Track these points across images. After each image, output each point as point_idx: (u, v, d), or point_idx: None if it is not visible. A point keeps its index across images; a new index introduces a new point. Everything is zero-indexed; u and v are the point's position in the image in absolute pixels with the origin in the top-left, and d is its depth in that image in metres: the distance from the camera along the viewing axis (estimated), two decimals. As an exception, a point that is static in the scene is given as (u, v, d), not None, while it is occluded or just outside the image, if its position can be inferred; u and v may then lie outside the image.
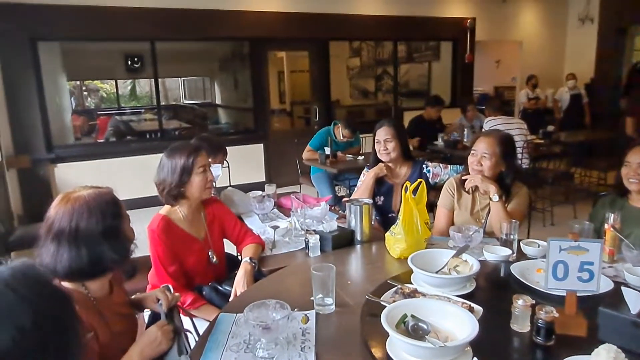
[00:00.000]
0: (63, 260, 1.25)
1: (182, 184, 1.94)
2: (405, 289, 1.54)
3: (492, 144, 2.23)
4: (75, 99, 9.69)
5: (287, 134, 7.17)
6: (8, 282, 0.67)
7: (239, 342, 1.39)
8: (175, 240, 1.96)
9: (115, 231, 1.32)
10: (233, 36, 6.39)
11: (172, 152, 1.99)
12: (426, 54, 8.76)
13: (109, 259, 1.30)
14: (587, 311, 1.35)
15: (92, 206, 1.28)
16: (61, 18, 5.23)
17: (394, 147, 2.66)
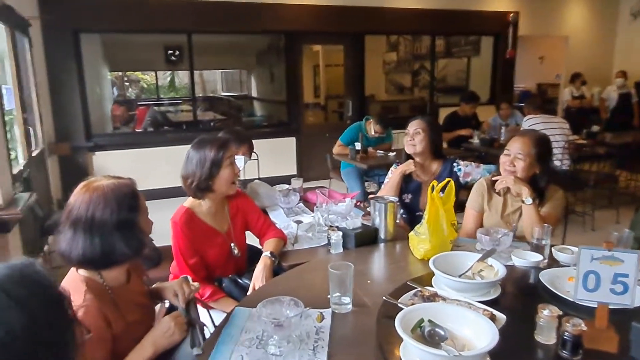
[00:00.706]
0: (77, 248, 1.26)
1: (211, 177, 1.91)
2: (425, 292, 1.49)
3: (528, 144, 2.12)
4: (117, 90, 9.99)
5: (319, 128, 7.14)
6: (3, 282, 0.67)
7: (252, 337, 1.38)
8: (197, 233, 1.96)
9: (130, 224, 1.32)
10: (269, 29, 6.40)
11: (200, 145, 1.97)
12: (465, 49, 8.53)
13: (120, 252, 1.30)
14: (620, 325, 1.26)
15: (109, 197, 1.29)
16: (102, 10, 5.38)
17: (420, 140, 2.59)
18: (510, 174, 2.13)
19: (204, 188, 1.93)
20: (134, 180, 1.42)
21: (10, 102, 3.85)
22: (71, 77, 5.41)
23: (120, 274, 1.42)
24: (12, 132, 4.18)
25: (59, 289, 0.74)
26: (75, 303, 1.24)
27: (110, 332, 1.30)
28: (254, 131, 6.62)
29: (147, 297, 1.54)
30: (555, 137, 4.50)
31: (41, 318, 0.67)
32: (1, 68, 3.86)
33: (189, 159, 1.96)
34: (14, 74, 3.97)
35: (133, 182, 1.40)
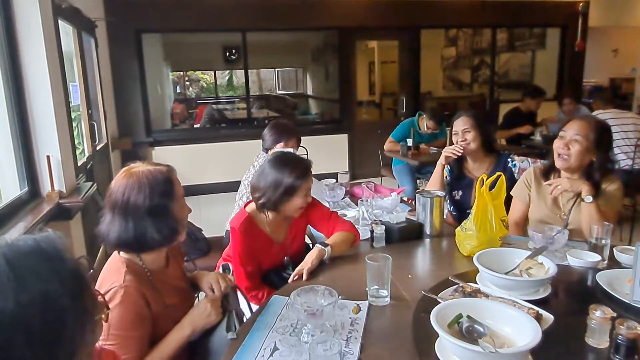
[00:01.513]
0: (114, 231, 1.31)
1: (281, 202, 1.84)
2: (466, 288, 1.42)
3: (586, 128, 1.95)
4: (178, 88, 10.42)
5: (373, 126, 7.07)
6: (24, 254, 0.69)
7: (286, 325, 1.38)
8: (255, 240, 1.89)
9: (162, 210, 1.34)
10: (321, 26, 6.41)
11: (280, 165, 1.86)
12: (530, 42, 8.09)
13: (151, 237, 1.32)
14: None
15: (143, 182, 1.32)
16: (162, 11, 5.62)
17: (473, 137, 2.47)
18: (563, 161, 1.98)
19: (271, 208, 1.86)
20: (171, 168, 1.43)
21: (76, 98, 4.10)
22: (133, 76, 5.70)
23: (159, 258, 1.46)
24: (79, 127, 4.48)
25: (76, 263, 0.76)
26: (115, 283, 1.30)
27: (149, 311, 1.34)
28: (306, 128, 6.66)
29: (186, 282, 1.58)
30: (628, 134, 4.16)
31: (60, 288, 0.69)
32: (69, 67, 4.13)
33: (264, 173, 1.87)
34: (80, 73, 4.24)
35: (170, 169, 1.41)
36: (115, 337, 1.27)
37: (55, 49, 3.29)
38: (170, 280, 1.49)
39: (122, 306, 1.28)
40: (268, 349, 1.25)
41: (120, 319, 1.28)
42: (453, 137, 2.57)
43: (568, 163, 1.98)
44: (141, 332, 1.31)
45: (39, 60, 3.04)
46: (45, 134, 3.10)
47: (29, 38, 3.00)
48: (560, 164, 2.01)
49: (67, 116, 3.47)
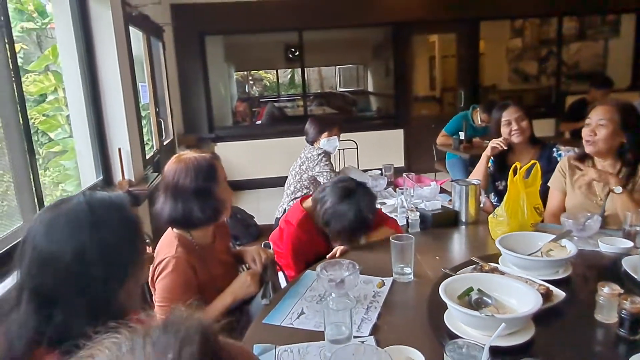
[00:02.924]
0: (166, 210, 1.53)
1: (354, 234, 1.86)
2: (485, 266, 1.49)
3: (610, 110, 1.96)
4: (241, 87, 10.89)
5: (431, 121, 7.01)
6: (98, 203, 0.93)
7: (315, 294, 1.53)
8: (309, 236, 1.96)
9: (206, 192, 1.53)
10: (376, 22, 6.47)
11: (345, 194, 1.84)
12: (602, 30, 7.62)
13: (196, 216, 1.52)
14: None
15: (190, 167, 1.53)
16: (222, 14, 5.97)
17: (527, 126, 2.49)
18: (591, 145, 1.98)
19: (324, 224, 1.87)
20: (215, 155, 1.64)
21: (145, 97, 4.51)
22: (197, 76, 6.11)
23: (207, 234, 1.66)
24: (149, 124, 4.91)
25: (135, 214, 0.98)
26: (168, 254, 1.52)
27: (196, 279, 1.54)
28: (363, 124, 6.78)
29: (231, 257, 1.78)
30: None
31: (121, 229, 0.91)
32: (140, 68, 4.54)
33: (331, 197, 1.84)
34: (149, 74, 4.64)
35: (213, 157, 1.62)
36: (166, 299, 1.49)
37: (125, 53, 3.67)
38: (217, 254, 1.70)
39: (173, 274, 1.50)
40: (296, 313, 1.41)
41: (172, 284, 1.50)
42: (503, 127, 2.57)
43: (596, 147, 1.99)
44: (189, 297, 1.50)
45: (111, 63, 3.42)
46: (117, 129, 3.48)
47: (102, 44, 3.38)
48: (589, 150, 2.03)
49: (137, 113, 3.85)
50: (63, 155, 4.07)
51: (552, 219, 2.18)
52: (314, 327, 1.31)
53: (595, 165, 2.08)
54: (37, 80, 4.01)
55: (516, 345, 1.10)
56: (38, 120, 4.06)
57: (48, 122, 4.04)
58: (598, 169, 2.00)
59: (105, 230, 0.89)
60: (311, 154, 2.96)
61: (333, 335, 1.13)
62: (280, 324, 1.35)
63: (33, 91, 3.98)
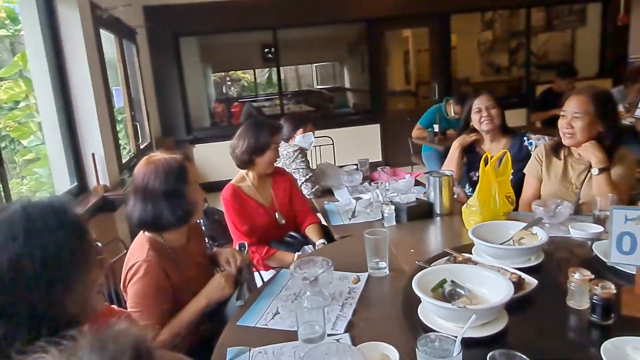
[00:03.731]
0: (136, 212, 1.49)
1: (256, 154, 2.21)
2: (458, 257, 1.49)
3: (584, 102, 1.96)
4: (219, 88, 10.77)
5: (406, 114, 7.06)
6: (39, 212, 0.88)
7: (290, 294, 1.51)
8: (243, 205, 2.26)
9: (176, 193, 1.50)
10: (349, 19, 6.48)
11: (256, 125, 2.26)
12: (569, 20, 7.77)
13: (166, 219, 1.49)
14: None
15: (160, 169, 1.50)
16: (196, 15, 5.90)
17: (497, 114, 2.51)
18: (569, 137, 1.99)
19: (247, 161, 2.23)
20: (186, 157, 1.61)
21: (119, 101, 4.42)
22: (173, 78, 6.02)
23: (179, 236, 1.63)
24: (125, 128, 4.82)
25: (78, 216, 0.93)
26: (139, 258, 1.48)
27: (169, 283, 1.51)
28: (340, 120, 6.78)
29: (206, 259, 1.75)
30: None
31: (60, 232, 0.86)
32: (113, 72, 4.45)
33: (242, 132, 2.25)
34: (123, 77, 4.55)
35: (183, 158, 1.59)
36: (139, 304, 1.46)
37: (96, 56, 3.58)
38: (191, 256, 1.66)
39: (145, 278, 1.47)
40: (271, 313, 1.39)
41: (144, 288, 1.46)
42: (474, 114, 2.59)
43: (575, 140, 2.00)
44: (161, 301, 1.49)
45: (81, 67, 3.34)
46: (90, 134, 3.40)
47: (72, 48, 3.30)
48: (568, 142, 2.03)
49: (110, 117, 3.77)
50: (36, 162, 3.98)
51: (528, 206, 2.20)
52: (288, 327, 1.29)
53: (571, 153, 2.10)
54: (7, 87, 3.91)
55: (490, 336, 1.10)
56: (10, 127, 3.96)
57: (20, 129, 3.95)
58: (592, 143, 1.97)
59: (42, 236, 0.84)
60: (287, 151, 2.93)
61: (306, 334, 1.12)
62: (255, 325, 1.33)
63: (4, 98, 3.88)
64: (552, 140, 2.19)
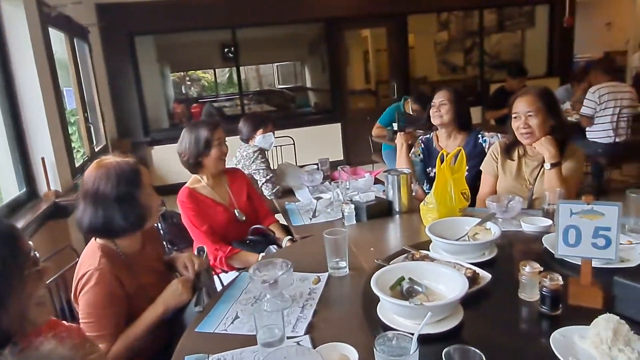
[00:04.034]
0: (86, 217, 1.44)
1: (201, 155, 2.19)
2: (416, 255, 1.52)
3: (534, 100, 2.06)
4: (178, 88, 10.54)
5: (367, 113, 7.14)
6: None
7: (250, 297, 1.49)
8: (201, 205, 2.23)
9: (129, 198, 1.45)
10: (308, 18, 6.48)
11: (194, 126, 2.25)
12: (519, 21, 8.08)
13: (117, 224, 1.44)
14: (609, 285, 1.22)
15: (111, 173, 1.44)
16: (152, 13, 5.75)
17: (446, 111, 2.57)
18: (530, 137, 2.07)
19: (195, 164, 2.22)
20: (139, 160, 1.57)
21: (71, 103, 4.25)
22: (129, 78, 5.84)
23: (134, 242, 1.58)
24: (78, 130, 4.63)
25: (10, 226, 0.89)
26: (91, 267, 1.43)
27: (123, 291, 1.46)
28: (301, 119, 6.78)
29: (163, 264, 1.70)
30: (623, 102, 4.18)
31: None
32: (65, 72, 4.27)
33: (183, 138, 2.23)
34: (74, 77, 4.37)
35: (136, 161, 1.54)
36: (91, 314, 1.40)
37: (44, 56, 3.43)
38: (146, 262, 1.61)
39: (97, 287, 1.41)
40: (230, 318, 1.37)
41: (96, 298, 1.41)
42: (431, 109, 2.66)
43: (534, 137, 2.08)
44: (115, 310, 1.44)
45: (28, 67, 3.18)
46: (39, 137, 3.25)
47: (18, 47, 3.14)
48: (528, 141, 2.11)
49: (61, 120, 3.62)
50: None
51: (485, 202, 2.26)
52: (248, 332, 1.27)
53: (526, 151, 2.18)
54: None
55: (446, 331, 1.12)
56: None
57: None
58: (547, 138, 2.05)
59: None
60: (247, 152, 2.91)
61: (265, 338, 1.11)
62: (214, 331, 1.31)
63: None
64: (505, 141, 2.26)
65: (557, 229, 1.24)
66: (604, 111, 4.20)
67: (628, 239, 1.54)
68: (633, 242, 1.53)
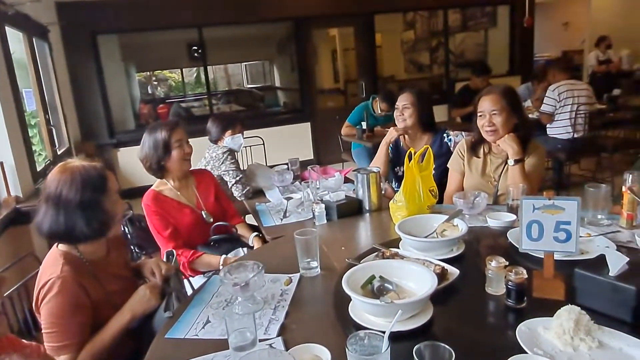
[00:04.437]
0: (46, 222, 1.39)
1: (162, 159, 2.13)
2: (386, 253, 1.53)
3: (498, 99, 2.13)
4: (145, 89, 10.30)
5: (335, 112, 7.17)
6: None
7: (221, 300, 1.48)
8: (167, 208, 2.18)
9: (93, 204, 1.41)
10: (276, 17, 6.45)
11: (152, 130, 2.16)
12: (482, 21, 8.29)
13: (80, 231, 1.39)
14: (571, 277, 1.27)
15: (76, 177, 1.39)
16: (115, 11, 5.60)
17: (410, 114, 2.61)
18: (494, 135, 2.13)
19: (158, 168, 2.16)
20: (105, 165, 1.51)
21: (30, 104, 4.09)
22: (92, 78, 5.67)
23: (98, 248, 1.53)
24: (40, 133, 4.46)
25: None
26: (53, 275, 1.38)
27: (88, 299, 1.42)
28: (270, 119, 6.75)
29: (129, 271, 1.66)
30: (580, 99, 4.35)
31: None
32: (24, 73, 4.11)
33: (143, 143, 2.16)
34: (34, 78, 4.21)
35: (103, 166, 1.49)
36: (54, 324, 1.36)
37: (1, 56, 3.30)
38: (112, 268, 1.57)
39: (59, 296, 1.36)
40: (201, 323, 1.35)
41: (59, 307, 1.36)
42: (395, 111, 2.70)
43: (498, 135, 2.14)
44: (80, 319, 1.39)
45: (-18, 68, 3.04)
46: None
47: (-29, 47, 3.00)
48: (492, 138, 2.17)
49: (20, 122, 3.48)
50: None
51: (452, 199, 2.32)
52: (220, 336, 1.26)
53: (491, 149, 2.25)
54: None
55: (417, 328, 1.14)
56: None
57: None
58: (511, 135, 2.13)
59: None
60: (216, 153, 2.87)
61: (237, 342, 1.10)
62: (185, 336, 1.29)
63: None
64: (470, 139, 2.32)
65: (520, 224, 1.28)
66: (563, 108, 4.36)
67: (587, 231, 1.61)
68: (592, 234, 1.59)
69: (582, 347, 1.03)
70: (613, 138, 4.80)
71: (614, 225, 1.72)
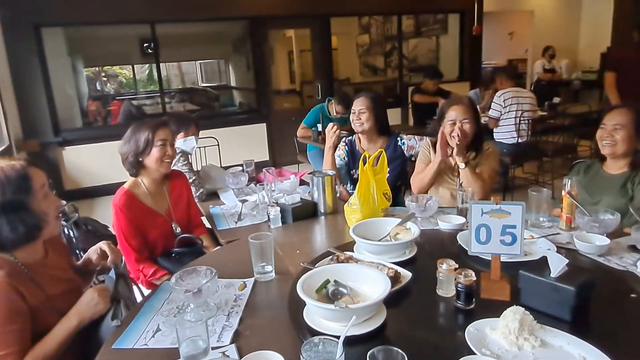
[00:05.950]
0: None
1: (142, 155, 2.07)
2: (340, 256, 1.55)
3: (466, 110, 2.28)
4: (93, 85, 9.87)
5: (291, 114, 7.16)
6: None
7: (172, 307, 1.43)
8: (137, 214, 2.07)
9: (17, 206, 1.32)
10: (232, 16, 6.36)
11: (137, 125, 2.12)
12: (434, 28, 8.55)
13: (5, 237, 1.31)
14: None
15: None
16: (63, 3, 5.32)
17: (367, 118, 2.64)
18: (461, 142, 2.24)
19: (135, 164, 2.09)
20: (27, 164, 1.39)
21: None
22: (35, 73, 5.36)
23: (34, 251, 1.44)
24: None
25: None
26: None
27: (25, 305, 1.33)
28: (226, 119, 6.66)
29: (72, 272, 1.58)
30: (524, 106, 4.57)
31: None
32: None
33: (125, 137, 2.11)
34: (-32, 71, 3.94)
35: (25, 164, 1.38)
36: (-8, 334, 1.27)
37: None
38: (52, 271, 1.48)
39: None
40: (151, 331, 1.31)
41: (-6, 315, 1.27)
42: (351, 115, 2.72)
43: (468, 139, 2.28)
44: (18, 327, 1.30)
45: None
46: None
47: None
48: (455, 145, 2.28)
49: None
50: None
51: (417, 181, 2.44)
52: (171, 345, 1.22)
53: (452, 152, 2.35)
54: None
55: (371, 332, 1.15)
56: None
57: None
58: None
59: None
60: (167, 155, 2.79)
61: (188, 352, 1.07)
62: (133, 346, 1.24)
63: None
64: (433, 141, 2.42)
65: (470, 228, 1.32)
66: (508, 114, 4.57)
67: (530, 234, 1.69)
68: (534, 236, 1.68)
69: (526, 347, 1.08)
70: (553, 143, 5.08)
71: (554, 227, 1.82)
